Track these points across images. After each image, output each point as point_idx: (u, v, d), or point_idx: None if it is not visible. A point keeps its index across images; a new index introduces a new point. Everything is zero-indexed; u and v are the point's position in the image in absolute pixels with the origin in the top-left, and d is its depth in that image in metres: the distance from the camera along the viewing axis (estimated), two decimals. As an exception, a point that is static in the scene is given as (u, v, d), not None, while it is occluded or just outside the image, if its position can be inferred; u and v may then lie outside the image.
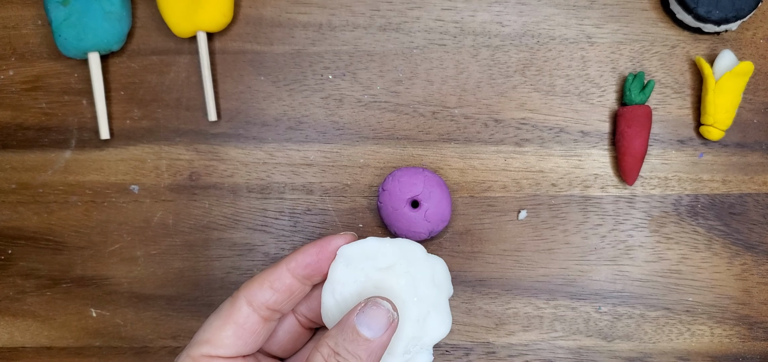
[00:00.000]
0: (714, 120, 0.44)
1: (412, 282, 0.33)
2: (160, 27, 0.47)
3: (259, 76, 0.47)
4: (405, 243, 0.34)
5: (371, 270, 0.33)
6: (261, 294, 0.33)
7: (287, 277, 0.33)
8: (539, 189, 0.46)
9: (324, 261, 0.33)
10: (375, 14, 0.47)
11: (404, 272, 0.33)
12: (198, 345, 0.32)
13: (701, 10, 0.43)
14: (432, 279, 0.34)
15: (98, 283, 0.47)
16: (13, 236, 0.48)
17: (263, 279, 0.33)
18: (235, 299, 0.33)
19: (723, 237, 0.46)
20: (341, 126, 0.47)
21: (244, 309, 0.33)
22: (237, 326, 0.32)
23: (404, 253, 0.33)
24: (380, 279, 0.33)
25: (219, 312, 0.33)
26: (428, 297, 0.33)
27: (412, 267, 0.33)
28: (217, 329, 0.32)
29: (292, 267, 0.33)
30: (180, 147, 0.47)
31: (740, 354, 0.46)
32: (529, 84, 0.46)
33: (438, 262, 0.35)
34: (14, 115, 0.48)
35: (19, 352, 0.48)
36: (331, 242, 0.33)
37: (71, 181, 0.48)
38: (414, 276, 0.33)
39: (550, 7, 0.46)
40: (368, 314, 0.31)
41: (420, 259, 0.34)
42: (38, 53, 0.48)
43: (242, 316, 0.32)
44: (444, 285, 0.35)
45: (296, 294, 0.34)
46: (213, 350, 0.32)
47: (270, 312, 0.33)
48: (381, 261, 0.33)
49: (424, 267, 0.34)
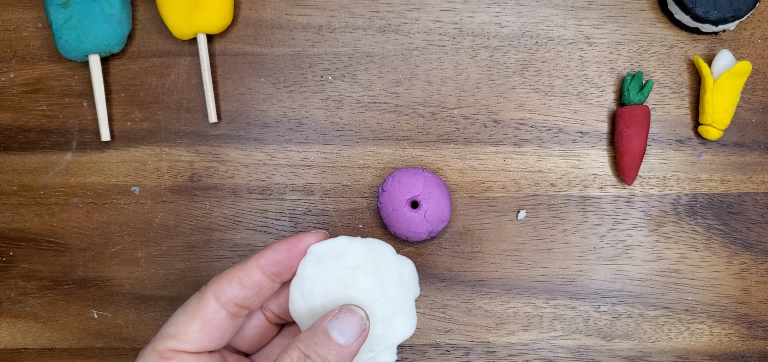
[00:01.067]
0: (712, 119, 0.44)
1: (380, 282, 0.33)
2: (161, 29, 0.47)
3: (259, 77, 0.47)
4: (375, 243, 0.34)
5: (340, 268, 0.33)
6: (229, 289, 0.32)
7: (256, 274, 0.33)
8: (538, 190, 0.46)
9: (294, 258, 0.33)
10: (374, 16, 0.47)
11: (372, 272, 0.33)
12: (164, 339, 0.32)
13: (699, 10, 0.43)
14: (399, 279, 0.34)
15: (100, 284, 0.48)
16: (14, 238, 0.48)
17: (232, 275, 0.33)
18: (203, 294, 0.33)
19: (722, 237, 0.46)
20: (341, 127, 0.47)
21: (211, 304, 0.32)
22: (204, 321, 0.32)
23: (374, 253, 0.34)
24: (348, 278, 0.33)
25: (186, 306, 0.33)
26: (395, 298, 0.34)
27: (380, 266, 0.33)
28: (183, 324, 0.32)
29: (262, 264, 0.33)
30: (181, 148, 0.47)
31: (739, 352, 0.46)
32: (527, 84, 0.47)
33: (406, 263, 0.35)
34: (15, 118, 0.48)
35: (20, 354, 0.48)
36: (302, 240, 0.33)
37: (72, 183, 0.48)
38: (382, 276, 0.33)
39: (548, 8, 0.47)
40: (342, 320, 0.31)
41: (389, 259, 0.34)
42: (39, 55, 0.48)
43: (209, 312, 0.32)
44: (411, 286, 0.35)
45: (265, 291, 0.33)
46: (178, 344, 0.32)
47: (238, 309, 0.33)
48: (351, 260, 0.33)
49: (393, 268, 0.34)
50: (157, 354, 0.32)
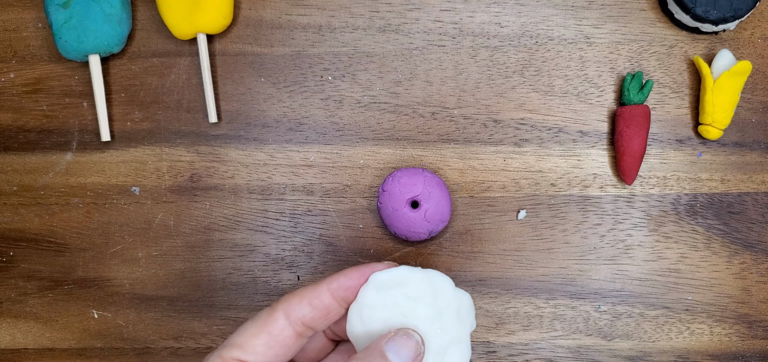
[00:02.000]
0: (712, 119, 0.44)
1: (437, 313, 0.34)
2: (161, 29, 0.47)
3: (259, 77, 0.47)
4: (435, 274, 0.34)
5: (400, 296, 0.34)
6: (299, 309, 0.33)
7: (327, 297, 0.33)
8: (538, 189, 0.46)
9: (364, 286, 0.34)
10: (374, 16, 0.47)
11: (431, 303, 0.34)
12: (230, 347, 0.33)
13: (699, 9, 0.43)
14: (457, 312, 0.35)
15: (100, 285, 0.48)
16: (14, 238, 0.48)
17: (303, 295, 0.33)
18: (274, 310, 0.33)
19: (722, 236, 0.46)
20: (341, 127, 0.47)
21: (280, 321, 0.33)
22: (271, 336, 0.33)
23: (433, 284, 0.34)
24: (408, 307, 0.33)
25: (256, 319, 0.33)
26: (451, 330, 0.34)
27: (439, 298, 0.34)
28: (251, 335, 0.33)
29: (333, 288, 0.34)
30: (181, 148, 0.47)
31: (739, 352, 0.46)
32: (527, 84, 0.47)
33: (464, 297, 0.36)
34: (15, 118, 0.48)
35: (21, 354, 0.48)
36: (373, 268, 0.34)
37: (72, 183, 0.48)
38: (440, 307, 0.34)
39: (548, 8, 0.47)
40: (398, 343, 0.32)
41: (447, 292, 0.34)
42: (39, 56, 0.48)
43: (278, 328, 0.33)
44: (467, 319, 0.36)
45: (332, 315, 0.34)
46: (244, 355, 0.33)
47: (304, 329, 0.34)
48: (410, 289, 0.34)
49: (451, 300, 0.35)
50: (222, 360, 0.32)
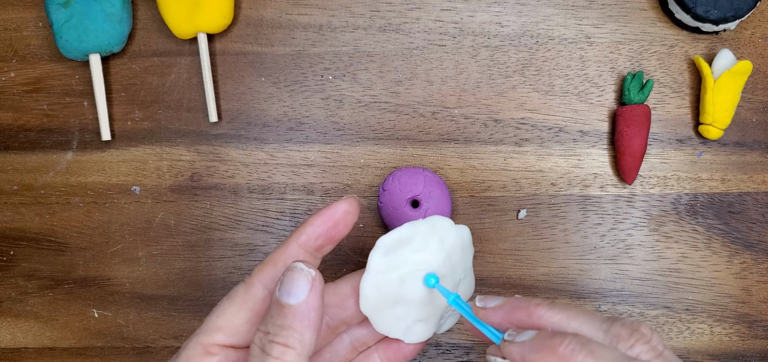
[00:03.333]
0: (713, 119, 0.44)
1: (447, 256, 0.34)
2: (161, 28, 0.47)
3: (259, 77, 0.47)
4: (435, 219, 0.34)
5: (408, 253, 0.33)
6: (276, 274, 0.31)
7: (300, 253, 0.32)
8: (539, 189, 0.46)
9: (333, 229, 0.32)
10: (375, 15, 0.47)
11: (439, 249, 0.34)
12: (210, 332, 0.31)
13: (700, 9, 0.43)
14: (461, 248, 0.35)
15: (100, 284, 0.48)
16: (15, 237, 0.48)
17: (276, 260, 0.31)
18: (250, 284, 0.31)
19: (722, 236, 0.46)
20: (341, 126, 0.47)
21: (259, 292, 0.31)
22: (252, 312, 0.31)
23: (436, 230, 0.34)
24: (418, 261, 0.33)
25: (232, 297, 0.31)
26: (459, 266, 0.35)
27: (445, 242, 0.34)
28: (231, 315, 0.31)
29: (303, 242, 0.32)
30: (181, 148, 0.47)
31: (740, 352, 0.46)
32: (528, 84, 0.47)
33: (464, 230, 0.36)
34: (16, 117, 0.48)
35: (21, 353, 0.48)
36: (335, 208, 0.32)
37: (73, 182, 0.48)
38: (447, 250, 0.34)
39: (549, 8, 0.47)
40: (286, 282, 0.29)
41: (451, 232, 0.35)
42: (39, 55, 0.48)
43: (258, 301, 0.31)
44: (469, 250, 0.37)
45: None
46: (226, 338, 0.31)
47: None
48: (417, 243, 0.34)
49: (455, 239, 0.35)
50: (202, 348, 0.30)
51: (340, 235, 0.33)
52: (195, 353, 0.30)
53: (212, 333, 0.31)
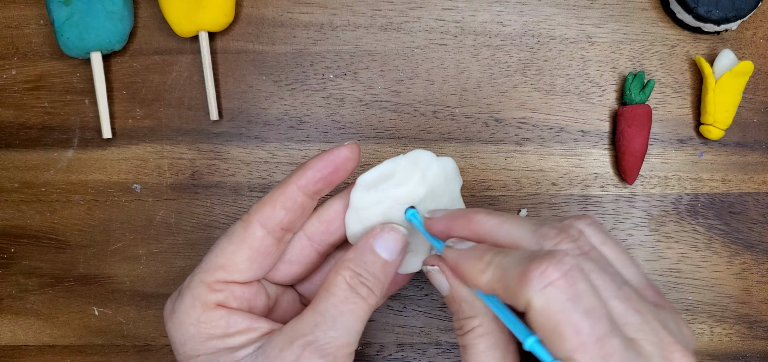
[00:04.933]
0: (714, 119, 0.44)
1: (429, 190, 0.35)
2: (162, 27, 0.47)
3: (260, 75, 0.47)
4: (418, 153, 0.35)
5: (390, 188, 0.34)
6: (274, 214, 0.32)
7: (299, 195, 0.33)
8: (539, 189, 0.46)
9: (332, 174, 0.33)
10: (376, 14, 0.47)
11: (421, 182, 0.35)
12: (212, 270, 0.32)
13: (701, 9, 0.43)
14: (445, 179, 0.36)
15: (101, 282, 0.48)
16: (15, 235, 0.48)
17: (275, 200, 0.32)
18: (248, 223, 0.32)
19: (723, 236, 0.46)
20: (342, 125, 0.47)
21: (258, 231, 0.32)
22: (252, 250, 0.32)
23: (418, 164, 0.35)
24: (401, 195, 0.34)
25: (230, 236, 0.32)
26: (443, 197, 0.36)
27: (427, 175, 0.35)
28: (231, 253, 0.32)
29: (302, 185, 0.33)
30: (182, 146, 0.47)
31: (740, 352, 0.46)
32: (529, 83, 0.47)
33: (448, 162, 0.36)
34: (17, 115, 0.48)
35: (21, 350, 0.48)
36: (337, 153, 0.33)
37: (74, 180, 0.48)
38: (430, 183, 0.35)
39: (550, 7, 0.47)
40: (386, 238, 0.33)
41: (433, 165, 0.35)
42: (40, 53, 0.48)
43: (257, 239, 0.32)
44: (455, 181, 0.37)
45: (307, 211, 0.34)
46: (228, 275, 0.32)
47: (282, 233, 0.33)
48: (399, 178, 0.34)
49: (438, 172, 0.35)
50: (206, 286, 0.32)
51: (339, 180, 0.34)
52: (200, 291, 0.31)
53: (213, 271, 0.32)
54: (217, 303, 0.32)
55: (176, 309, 0.32)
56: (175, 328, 0.32)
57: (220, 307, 0.32)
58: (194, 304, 0.31)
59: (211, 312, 0.31)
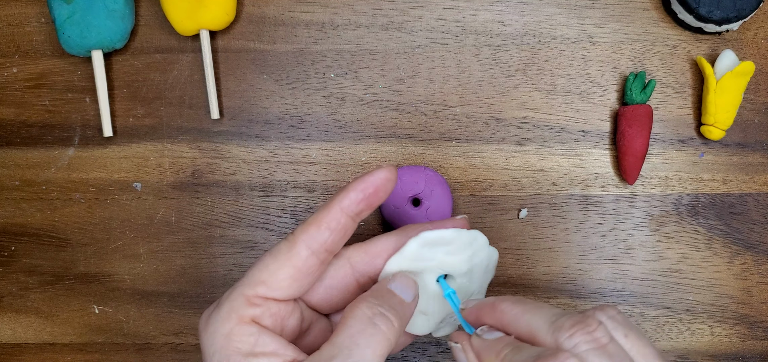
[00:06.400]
0: (715, 120, 0.44)
1: (470, 271, 0.37)
2: (164, 25, 0.47)
3: (261, 74, 0.47)
4: (476, 233, 0.37)
5: (442, 254, 0.36)
6: (319, 235, 0.33)
7: (342, 217, 0.33)
8: (540, 188, 0.46)
9: (373, 195, 0.34)
10: (377, 13, 0.47)
11: (468, 260, 0.36)
12: (253, 285, 0.32)
13: (703, 10, 0.43)
14: (486, 267, 0.38)
15: (101, 280, 0.48)
16: (16, 233, 0.48)
17: (320, 221, 0.33)
18: (293, 242, 0.33)
19: (723, 237, 0.46)
20: (343, 124, 0.47)
21: (303, 252, 0.33)
22: (295, 269, 0.33)
23: (472, 244, 0.36)
24: (447, 263, 0.36)
25: (276, 254, 0.33)
26: (477, 283, 0.38)
27: (475, 256, 0.37)
28: (275, 270, 0.33)
29: (345, 206, 0.33)
30: (183, 144, 0.47)
31: (740, 353, 0.46)
32: (530, 83, 0.46)
33: (494, 253, 0.38)
34: (18, 113, 0.48)
35: (21, 348, 0.48)
36: (377, 175, 0.34)
37: (74, 178, 0.48)
38: (474, 264, 0.37)
39: (551, 7, 0.46)
40: (401, 281, 0.34)
41: (483, 250, 0.37)
42: (42, 51, 0.48)
43: (301, 259, 0.33)
44: (491, 273, 0.39)
45: (348, 232, 0.34)
46: (268, 292, 0.32)
47: (326, 254, 0.34)
48: (452, 247, 0.36)
49: (483, 258, 0.37)
50: (245, 299, 0.32)
51: (379, 201, 0.35)
52: (238, 304, 0.32)
53: (254, 286, 0.32)
54: (252, 318, 0.32)
55: (212, 319, 0.32)
56: (208, 338, 0.32)
57: (253, 323, 0.32)
58: (230, 316, 0.32)
59: (243, 327, 0.32)
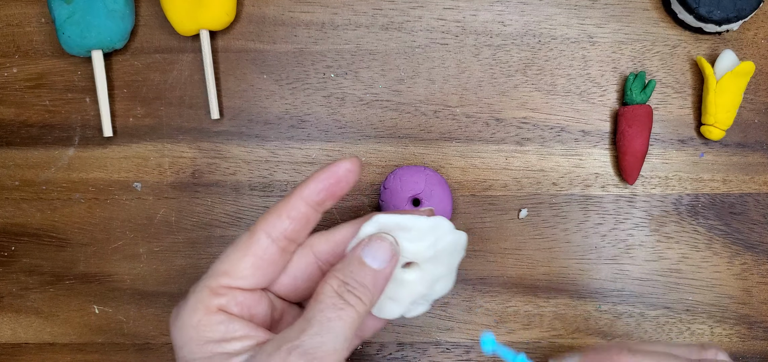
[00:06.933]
0: (715, 120, 0.44)
1: (435, 255, 0.35)
2: (164, 25, 0.47)
3: (261, 74, 0.47)
4: (438, 220, 0.35)
5: (402, 240, 0.34)
6: (279, 224, 0.33)
7: (302, 206, 0.34)
8: (540, 188, 0.46)
9: (335, 185, 0.34)
10: (377, 13, 0.47)
11: (431, 246, 0.35)
12: (217, 276, 0.33)
13: (703, 10, 0.43)
14: (452, 251, 0.36)
15: (101, 280, 0.48)
16: (16, 233, 0.48)
17: (280, 210, 0.33)
18: (254, 232, 0.33)
19: (723, 237, 0.46)
20: (343, 124, 0.47)
21: (263, 240, 0.33)
22: (256, 257, 0.33)
23: (435, 230, 0.35)
24: (408, 250, 0.34)
25: (237, 244, 0.33)
26: (443, 266, 0.36)
27: (439, 242, 0.35)
28: (236, 261, 0.33)
29: (306, 195, 0.34)
30: (183, 145, 0.47)
31: (740, 353, 0.46)
32: (530, 83, 0.47)
33: (462, 237, 0.37)
34: (18, 113, 0.48)
35: (21, 348, 0.48)
36: (339, 165, 0.34)
37: (74, 178, 0.48)
38: (438, 249, 0.35)
39: (551, 7, 0.47)
40: (373, 247, 0.33)
41: (448, 235, 0.36)
42: (42, 51, 0.48)
43: (261, 248, 0.33)
44: (459, 254, 0.37)
45: (311, 222, 0.34)
46: (232, 281, 0.33)
47: (287, 243, 0.34)
48: (414, 234, 0.34)
49: (449, 242, 0.36)
50: (210, 290, 0.32)
51: (342, 192, 0.34)
52: (204, 295, 0.32)
53: (218, 277, 0.33)
54: (218, 307, 0.32)
55: (180, 313, 0.33)
56: (177, 331, 0.32)
57: (221, 312, 0.32)
58: (197, 307, 0.32)
59: (211, 316, 0.32)
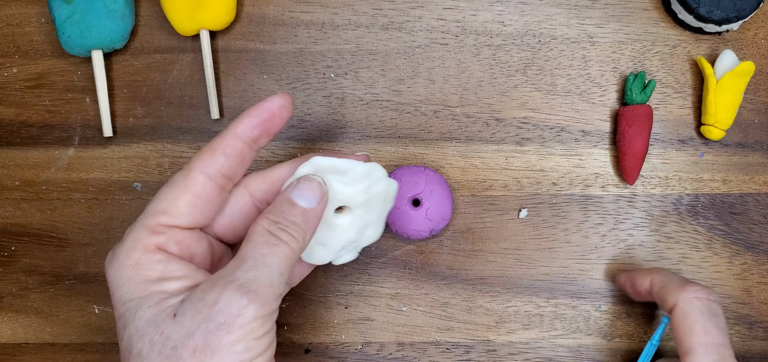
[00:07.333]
0: (715, 120, 0.44)
1: (367, 200, 0.36)
2: (164, 25, 0.47)
3: (261, 74, 0.47)
4: (373, 166, 0.36)
5: (337, 183, 0.35)
6: (214, 161, 0.33)
7: (237, 142, 0.34)
8: (540, 188, 0.46)
9: (268, 121, 0.34)
10: (377, 13, 0.47)
11: (364, 191, 0.36)
12: (154, 215, 0.33)
13: (703, 10, 0.43)
14: (384, 197, 0.37)
15: (101, 280, 0.48)
16: (16, 233, 0.48)
17: (215, 148, 0.34)
18: (190, 170, 0.33)
19: (723, 237, 0.46)
20: (343, 124, 0.47)
21: (198, 178, 0.33)
22: (193, 195, 0.33)
23: (369, 176, 0.36)
24: (342, 193, 0.35)
25: (172, 183, 0.33)
26: (374, 212, 0.37)
27: (372, 187, 0.36)
28: (172, 199, 0.33)
29: (240, 132, 0.34)
30: (183, 145, 0.47)
31: (740, 353, 0.46)
32: (530, 83, 0.47)
33: (393, 184, 0.38)
34: (18, 113, 0.48)
35: (21, 348, 0.48)
36: (271, 101, 0.35)
37: (74, 178, 0.48)
38: (371, 194, 0.36)
39: (551, 7, 0.47)
40: (302, 187, 0.33)
41: (382, 181, 0.37)
42: (42, 51, 0.48)
43: (198, 185, 0.33)
44: (389, 202, 0.38)
45: (247, 159, 0.35)
46: (170, 219, 0.33)
47: (224, 180, 0.34)
48: (349, 178, 0.35)
49: (382, 188, 0.37)
50: (148, 229, 0.32)
51: (275, 129, 0.35)
52: (141, 234, 0.32)
53: (156, 216, 0.33)
54: (157, 245, 0.32)
55: (117, 254, 0.32)
56: (114, 272, 0.32)
57: (159, 251, 0.32)
58: (135, 246, 0.32)
59: (150, 255, 0.32)
